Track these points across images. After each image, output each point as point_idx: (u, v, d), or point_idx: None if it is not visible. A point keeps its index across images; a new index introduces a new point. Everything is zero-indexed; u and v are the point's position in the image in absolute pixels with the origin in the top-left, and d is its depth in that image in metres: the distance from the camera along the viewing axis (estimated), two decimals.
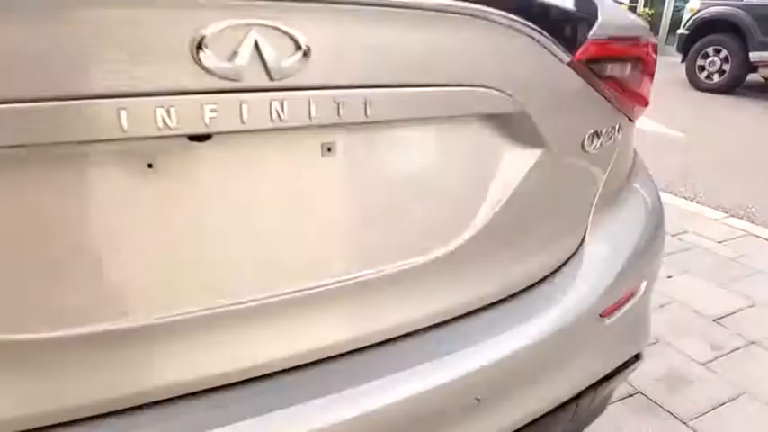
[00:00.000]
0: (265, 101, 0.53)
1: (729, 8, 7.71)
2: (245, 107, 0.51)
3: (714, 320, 2.19)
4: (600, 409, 1.05)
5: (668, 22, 12.66)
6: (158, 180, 0.53)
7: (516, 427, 0.80)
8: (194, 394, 0.62)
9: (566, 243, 0.88)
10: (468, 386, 0.74)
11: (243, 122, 0.52)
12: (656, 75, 1.04)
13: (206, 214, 0.57)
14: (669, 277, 2.49)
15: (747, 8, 7.50)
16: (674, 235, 2.97)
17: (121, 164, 0.51)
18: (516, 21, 0.66)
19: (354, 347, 0.70)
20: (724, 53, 7.74)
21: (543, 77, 0.73)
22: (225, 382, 0.63)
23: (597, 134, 0.83)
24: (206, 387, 0.62)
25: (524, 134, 0.74)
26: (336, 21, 0.55)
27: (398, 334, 0.74)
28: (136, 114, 0.47)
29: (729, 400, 1.75)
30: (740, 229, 3.12)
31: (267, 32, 0.50)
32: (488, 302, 0.81)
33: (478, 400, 0.73)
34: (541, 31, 0.69)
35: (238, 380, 0.63)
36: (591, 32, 0.76)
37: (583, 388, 0.88)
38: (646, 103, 0.98)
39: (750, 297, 2.37)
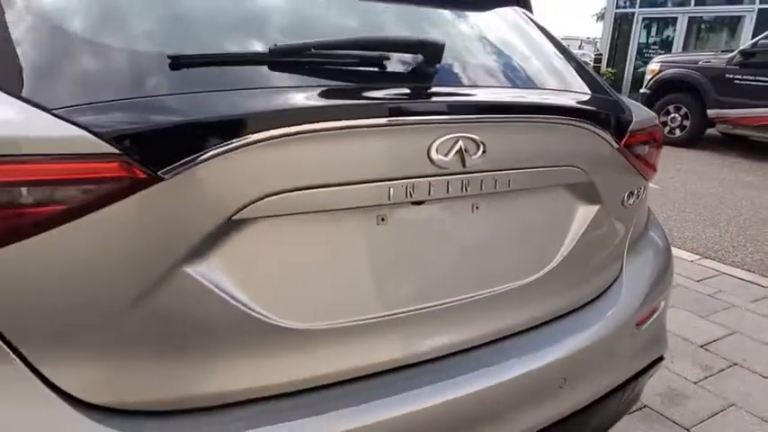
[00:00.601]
0: (458, 180, 0.86)
1: (686, 70, 8.49)
2: (449, 184, 0.85)
3: (701, 346, 2.55)
4: (635, 398, 1.37)
5: (630, 81, 13.62)
6: (390, 227, 0.87)
7: (587, 404, 1.11)
8: (408, 366, 0.94)
9: (610, 272, 1.22)
10: (554, 371, 1.06)
11: (447, 193, 0.85)
12: None
13: (416, 246, 0.90)
14: None
15: (702, 70, 8.28)
16: None
17: (370, 216, 0.85)
18: (590, 125, 1.03)
19: (483, 342, 1.02)
20: (684, 110, 8.46)
21: (603, 158, 1.09)
22: (411, 362, 0.94)
23: (632, 193, 1.19)
24: (402, 364, 0.93)
25: (589, 196, 1.10)
26: (500, 130, 0.90)
27: (504, 335, 1.06)
28: (394, 191, 0.82)
29: (721, 411, 2.09)
30: (714, 269, 3.53)
31: (467, 140, 0.85)
32: (561, 314, 1.14)
33: (565, 380, 1.05)
34: (603, 130, 1.05)
35: (418, 360, 0.95)
36: (630, 128, 1.13)
37: (626, 378, 1.20)
38: (655, 170, 1.35)
39: (729, 327, 2.75)
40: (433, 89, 0.91)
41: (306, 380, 0.84)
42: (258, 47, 0.89)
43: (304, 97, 0.80)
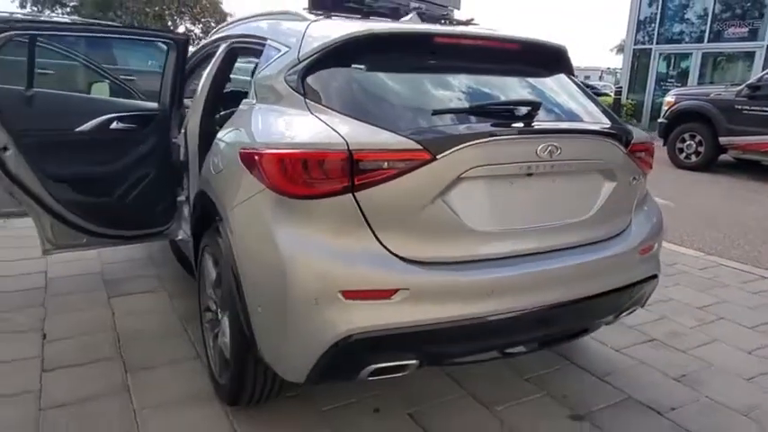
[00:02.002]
0: (549, 164, 1.84)
1: (699, 102, 9.41)
2: (544, 166, 1.84)
3: (697, 308, 3.45)
4: (640, 301, 2.29)
5: (649, 111, 14.54)
6: (516, 186, 1.86)
7: (612, 288, 2.05)
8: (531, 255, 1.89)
9: (624, 221, 2.17)
10: (596, 267, 2.01)
11: (543, 170, 1.84)
12: None
13: (531, 195, 1.90)
14: (666, 287, 3.76)
15: (713, 101, 9.18)
16: (669, 264, 4.26)
17: (510, 179, 1.84)
18: (610, 140, 2.02)
19: (556, 249, 1.97)
20: (698, 138, 9.34)
21: (618, 157, 2.06)
22: (534, 252, 1.89)
23: (635, 178, 2.16)
24: (530, 252, 1.88)
25: (611, 177, 2.06)
26: (567, 141, 1.89)
27: (569, 246, 2.01)
28: (521, 168, 1.82)
29: (707, 343, 2.99)
30: (714, 262, 4.43)
31: (552, 145, 1.83)
32: (597, 240, 2.08)
33: (595, 275, 2.01)
34: (618, 143, 2.04)
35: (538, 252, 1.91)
36: (632, 142, 2.11)
37: (633, 282, 2.14)
38: (650, 167, 2.31)
39: (721, 297, 3.64)
40: (537, 121, 1.88)
41: (486, 255, 1.82)
42: (467, 103, 1.92)
43: (489, 125, 1.78)
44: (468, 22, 2.91)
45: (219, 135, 2.19)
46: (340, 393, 2.31)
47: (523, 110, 1.88)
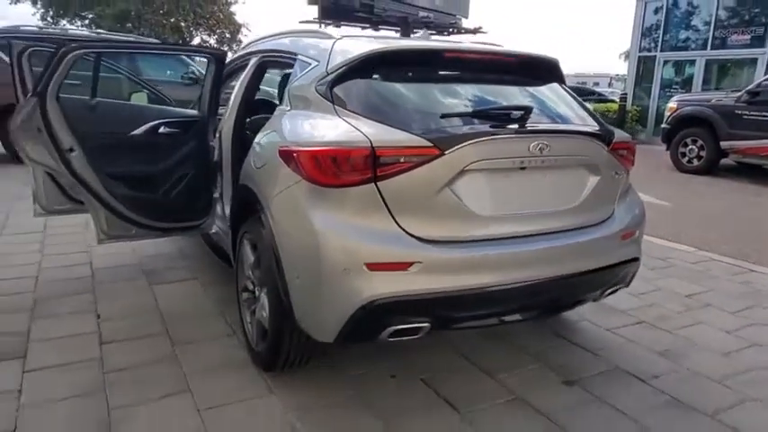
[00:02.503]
0: (539, 159, 2.17)
1: (700, 107, 9.69)
2: (535, 161, 2.17)
3: (685, 296, 3.76)
4: (624, 281, 2.60)
5: (654, 116, 14.80)
6: (511, 177, 2.19)
7: (592, 269, 2.37)
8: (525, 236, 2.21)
9: (607, 210, 2.49)
10: (582, 247, 2.33)
11: (534, 164, 2.17)
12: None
13: (523, 185, 2.22)
14: (658, 278, 4.07)
15: (714, 107, 9.46)
16: (662, 258, 4.57)
17: (506, 172, 2.17)
18: (594, 139, 2.36)
19: (547, 232, 2.30)
20: (700, 142, 9.62)
21: (601, 154, 2.39)
22: (526, 234, 2.21)
23: (617, 172, 2.49)
24: (523, 234, 2.20)
25: (595, 171, 2.39)
26: (556, 139, 2.22)
27: (559, 230, 2.33)
28: (515, 162, 2.15)
29: (693, 325, 3.29)
30: (706, 257, 4.72)
31: (542, 143, 2.16)
32: (583, 226, 2.39)
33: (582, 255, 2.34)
34: (601, 142, 2.37)
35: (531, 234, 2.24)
36: (613, 140, 2.44)
37: (615, 262, 2.45)
38: (632, 164, 2.64)
39: (709, 287, 3.94)
40: (529, 123, 2.22)
41: (486, 235, 2.14)
42: (470, 108, 2.28)
43: (488, 126, 2.12)
44: (476, 31, 3.30)
45: (259, 136, 2.54)
46: (361, 363, 2.64)
47: (518, 113, 2.22)
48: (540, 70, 2.67)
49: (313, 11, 18.62)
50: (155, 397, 2.34)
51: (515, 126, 2.20)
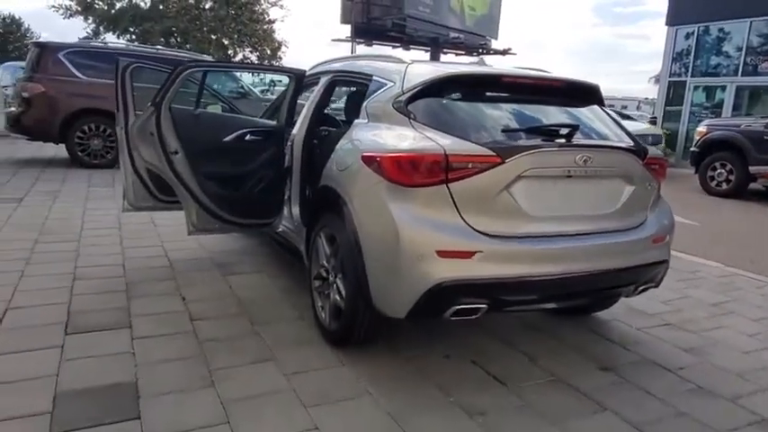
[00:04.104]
0: (583, 169, 2.54)
1: (730, 132, 9.92)
2: (579, 170, 2.55)
3: (711, 304, 4.06)
4: (654, 280, 2.94)
5: (683, 139, 14.97)
6: (560, 184, 2.57)
7: (626, 266, 2.71)
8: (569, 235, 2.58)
9: (641, 217, 2.84)
10: (613, 247, 2.68)
11: (579, 174, 2.55)
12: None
13: (569, 192, 2.60)
14: (686, 288, 4.37)
15: (743, 132, 9.69)
16: (690, 272, 4.86)
17: (555, 180, 2.55)
18: (631, 154, 2.73)
19: (588, 232, 2.65)
20: (729, 166, 9.83)
21: (636, 167, 2.75)
22: (573, 233, 2.58)
23: (650, 184, 2.85)
24: (570, 233, 2.58)
25: (631, 181, 2.75)
26: (598, 153, 2.60)
27: (595, 231, 2.68)
28: (563, 171, 2.53)
29: (715, 329, 3.60)
30: (732, 272, 5.00)
31: (587, 155, 2.54)
32: (620, 229, 2.74)
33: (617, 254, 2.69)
34: (637, 157, 2.75)
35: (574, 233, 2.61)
36: (647, 157, 2.81)
37: (647, 262, 2.79)
38: (663, 177, 2.99)
39: (734, 297, 4.24)
40: (575, 138, 2.59)
41: (537, 232, 2.51)
42: (526, 124, 2.69)
43: (540, 139, 2.51)
44: (505, 52, 3.78)
45: (340, 144, 2.97)
46: (418, 345, 3.02)
47: (565, 129, 2.61)
48: (583, 94, 3.06)
49: (346, 30, 19.38)
50: (246, 362, 2.74)
51: (563, 140, 2.59)
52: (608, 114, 3.09)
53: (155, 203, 3.92)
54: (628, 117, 13.80)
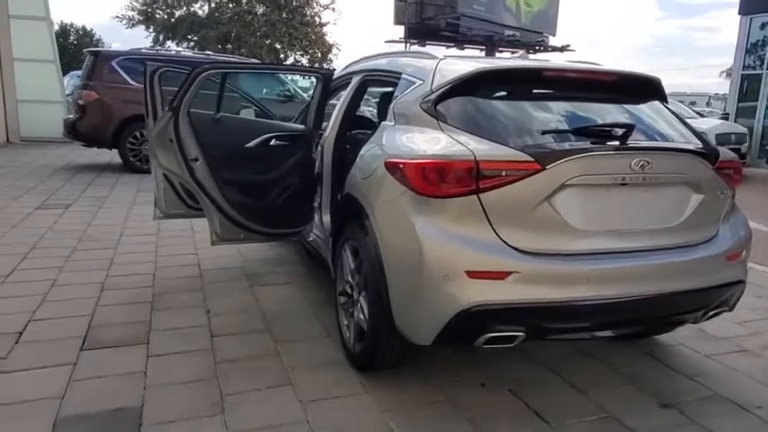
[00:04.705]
0: (641, 176, 2.19)
1: None
2: (636, 177, 2.19)
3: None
4: (727, 304, 2.52)
5: (759, 135, 13.85)
6: (613, 193, 2.22)
7: (692, 289, 2.32)
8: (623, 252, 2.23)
9: (712, 229, 2.44)
10: (676, 267, 2.30)
11: (635, 181, 2.19)
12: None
13: (624, 201, 2.24)
14: (764, 306, 3.85)
15: None
16: (763, 286, 4.32)
17: (607, 187, 2.20)
18: (699, 157, 2.34)
19: (647, 249, 2.28)
20: None
21: (705, 172, 2.36)
22: (627, 250, 2.23)
23: (722, 192, 2.44)
24: (622, 251, 2.23)
25: (698, 189, 2.36)
26: (658, 157, 2.22)
27: (655, 248, 2.31)
28: (617, 178, 2.18)
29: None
30: None
31: (644, 160, 2.18)
32: (685, 245, 2.36)
33: (682, 274, 2.30)
34: (706, 160, 2.35)
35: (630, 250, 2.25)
36: (718, 160, 2.41)
37: (718, 284, 2.39)
38: (737, 182, 2.56)
39: None
40: (631, 140, 2.23)
41: (584, 249, 2.18)
42: (571, 124, 2.33)
43: (589, 142, 2.17)
44: (563, 48, 3.38)
45: (364, 149, 2.72)
46: (452, 371, 2.73)
47: (619, 130, 2.25)
48: (640, 88, 2.68)
49: (399, 31, 19.17)
50: (261, 387, 2.54)
51: (616, 143, 2.23)
52: (671, 111, 2.69)
53: (186, 211, 3.81)
54: (700, 114, 12.89)
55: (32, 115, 12.25)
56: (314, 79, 3.50)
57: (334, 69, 3.54)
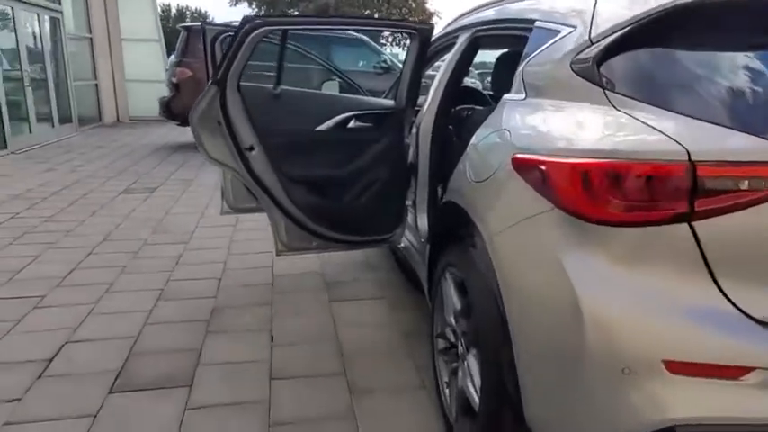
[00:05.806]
0: None
1: None
2: None
3: None
4: None
5: None
6: None
7: None
8: None
9: None
10: None
11: None
12: None
13: None
14: None
15: None
16: None
17: None
18: None
19: None
20: None
21: None
22: None
23: None
24: None
25: None
26: None
27: None
28: None
29: None
30: None
31: None
32: None
33: None
34: None
35: None
36: None
37: None
38: None
39: None
40: None
41: None
42: None
43: None
44: None
45: (478, 136, 1.83)
46: None
47: None
48: None
49: None
50: None
51: None
52: None
53: (258, 205, 3.13)
54: None
55: (140, 95, 12.47)
56: (408, 40, 2.62)
57: (434, 24, 2.63)
